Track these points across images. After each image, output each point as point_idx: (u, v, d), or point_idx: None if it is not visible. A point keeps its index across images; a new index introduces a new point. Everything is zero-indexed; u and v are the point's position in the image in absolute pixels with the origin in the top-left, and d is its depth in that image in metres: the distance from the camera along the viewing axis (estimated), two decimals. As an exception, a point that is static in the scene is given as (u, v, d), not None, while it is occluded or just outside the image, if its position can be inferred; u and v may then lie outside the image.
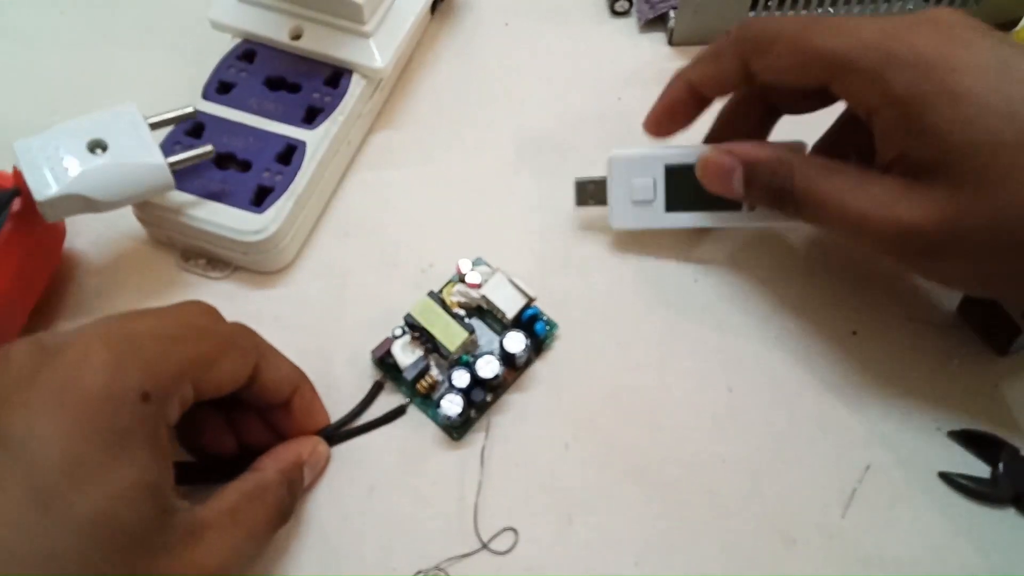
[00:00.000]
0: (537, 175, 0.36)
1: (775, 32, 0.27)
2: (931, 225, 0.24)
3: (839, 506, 0.28)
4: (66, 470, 0.20)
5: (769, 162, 0.28)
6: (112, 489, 0.21)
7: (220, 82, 0.34)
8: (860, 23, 0.26)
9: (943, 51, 0.24)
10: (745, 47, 0.28)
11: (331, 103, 0.34)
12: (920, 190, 0.25)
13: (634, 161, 0.31)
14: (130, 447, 0.21)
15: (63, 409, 0.21)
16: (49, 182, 0.28)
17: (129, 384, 0.22)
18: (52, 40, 0.40)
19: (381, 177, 0.36)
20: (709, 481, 0.29)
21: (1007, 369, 0.31)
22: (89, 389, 0.21)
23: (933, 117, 0.24)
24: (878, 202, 0.25)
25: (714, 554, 0.28)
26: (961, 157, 0.24)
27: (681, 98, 0.30)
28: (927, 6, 0.39)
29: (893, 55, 0.25)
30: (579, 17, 0.41)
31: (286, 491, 0.26)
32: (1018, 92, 0.24)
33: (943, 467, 0.29)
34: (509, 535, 0.28)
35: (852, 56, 0.25)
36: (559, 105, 0.38)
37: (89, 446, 0.21)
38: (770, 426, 0.30)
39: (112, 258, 0.33)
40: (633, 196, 0.31)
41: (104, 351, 0.22)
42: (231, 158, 0.33)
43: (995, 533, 0.28)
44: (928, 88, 0.24)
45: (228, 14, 0.35)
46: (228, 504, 0.24)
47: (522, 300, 0.30)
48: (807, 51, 0.26)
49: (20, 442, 0.20)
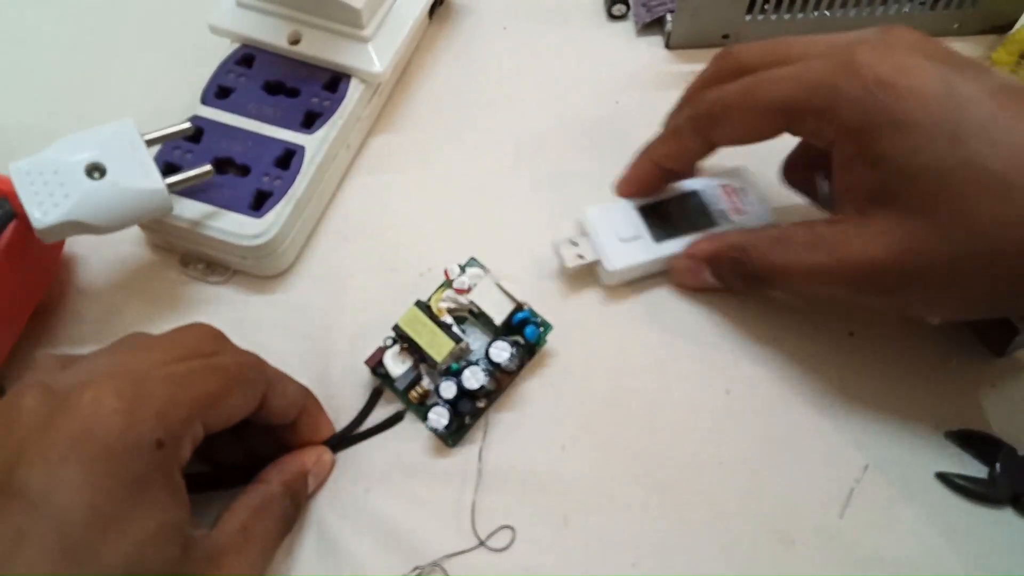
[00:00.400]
0: (536, 178, 0.36)
1: (725, 102, 0.28)
2: (888, 258, 0.25)
3: (837, 507, 0.29)
4: (92, 522, 0.20)
5: (726, 253, 0.30)
6: (138, 536, 0.21)
7: (219, 87, 0.34)
8: (801, 66, 0.27)
9: (889, 79, 0.25)
10: (702, 123, 0.29)
11: (330, 107, 0.34)
12: (872, 224, 0.25)
13: (609, 210, 0.32)
14: (149, 493, 0.22)
15: (82, 460, 0.21)
16: (47, 209, 0.27)
17: (143, 432, 0.22)
18: (51, 44, 0.40)
19: (380, 181, 0.36)
20: (707, 482, 0.29)
21: (1004, 370, 0.31)
22: (105, 439, 0.21)
23: (882, 146, 0.25)
24: (836, 251, 0.26)
25: (712, 555, 0.28)
26: (909, 184, 0.24)
27: (649, 173, 0.32)
28: (923, 9, 0.39)
29: (841, 91, 0.25)
30: (577, 21, 0.41)
31: (290, 502, 0.27)
32: (962, 116, 0.24)
33: (941, 467, 0.29)
34: (506, 533, 0.28)
35: (802, 100, 0.26)
36: (557, 108, 0.38)
37: (111, 497, 0.21)
38: (768, 427, 0.30)
39: (111, 263, 0.33)
40: (620, 235, 0.32)
41: (115, 399, 0.22)
42: (230, 163, 0.33)
43: (993, 533, 0.28)
44: (876, 118, 0.25)
45: (227, 19, 0.36)
46: (239, 523, 0.25)
47: (510, 305, 0.30)
48: (760, 109, 0.27)
49: (44, 496, 0.20)
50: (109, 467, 0.21)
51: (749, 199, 0.33)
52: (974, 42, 0.40)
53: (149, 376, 0.23)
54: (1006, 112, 0.24)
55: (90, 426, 0.21)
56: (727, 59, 0.30)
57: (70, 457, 0.21)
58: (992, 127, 0.24)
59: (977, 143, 0.23)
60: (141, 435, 0.22)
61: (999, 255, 0.24)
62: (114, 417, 0.21)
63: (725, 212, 0.33)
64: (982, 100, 0.24)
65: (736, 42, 0.40)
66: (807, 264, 0.27)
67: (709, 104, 0.29)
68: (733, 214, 0.33)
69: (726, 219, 0.33)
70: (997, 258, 0.24)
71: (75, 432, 0.21)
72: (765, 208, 0.33)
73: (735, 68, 0.29)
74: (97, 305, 0.32)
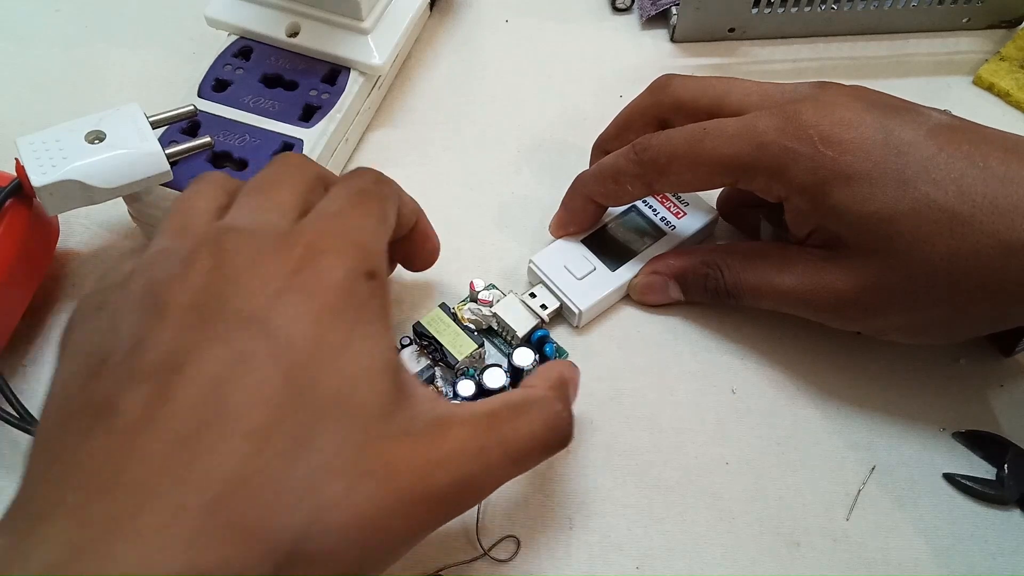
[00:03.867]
0: (538, 174, 0.36)
1: (671, 152, 0.28)
2: (854, 291, 0.27)
3: (843, 508, 0.28)
4: (312, 352, 0.19)
5: (697, 268, 0.31)
6: (353, 369, 0.20)
7: (216, 80, 0.34)
8: (747, 121, 0.27)
9: (832, 134, 0.26)
10: (645, 168, 0.29)
11: (328, 101, 0.34)
12: (838, 260, 0.27)
13: (554, 251, 0.32)
14: (364, 326, 0.21)
15: (299, 291, 0.20)
16: (46, 170, 0.28)
17: (354, 264, 0.21)
18: (48, 38, 0.40)
19: (379, 176, 0.35)
20: (712, 484, 0.29)
21: (1013, 370, 0.31)
22: (324, 273, 0.21)
23: (834, 198, 0.26)
24: (804, 277, 0.28)
25: (716, 557, 0.27)
26: (865, 231, 0.26)
27: (584, 210, 0.32)
28: (932, 4, 0.38)
29: (789, 150, 0.26)
30: (580, 14, 0.41)
31: (562, 407, 0.24)
32: (905, 162, 0.25)
33: (948, 468, 0.29)
34: (510, 543, 0.27)
35: (752, 159, 0.27)
36: (560, 103, 0.38)
37: (329, 328, 0.20)
38: (773, 428, 0.30)
39: (106, 258, 0.33)
40: (575, 273, 0.31)
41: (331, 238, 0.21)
42: (227, 156, 0.32)
43: (1001, 534, 0.28)
44: (824, 174, 0.26)
45: (224, 11, 0.35)
46: (487, 408, 0.22)
47: (533, 320, 0.30)
48: (706, 164, 0.28)
49: (264, 323, 0.19)
50: (328, 300, 0.20)
51: (684, 199, 0.33)
52: (983, 37, 0.40)
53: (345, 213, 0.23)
54: (945, 151, 0.25)
55: (307, 261, 0.21)
56: (664, 92, 0.30)
57: (287, 288, 0.20)
58: (933, 167, 0.25)
59: (923, 184, 0.25)
60: (354, 269, 0.21)
61: (956, 286, 0.25)
62: (329, 253, 0.21)
63: (667, 219, 0.32)
64: (920, 143, 0.25)
65: (743, 37, 0.40)
66: (778, 286, 0.29)
67: (654, 153, 0.29)
68: (674, 219, 0.32)
69: (669, 226, 0.32)
70: (955, 289, 0.25)
71: (295, 267, 0.20)
72: (702, 204, 0.33)
73: (672, 103, 0.30)
74: (92, 301, 0.32)
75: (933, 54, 0.39)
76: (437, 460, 0.21)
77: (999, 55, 0.38)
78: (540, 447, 0.23)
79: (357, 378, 0.20)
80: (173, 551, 0.16)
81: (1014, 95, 0.38)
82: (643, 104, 0.31)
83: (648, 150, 0.29)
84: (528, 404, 0.23)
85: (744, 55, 0.40)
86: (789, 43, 0.40)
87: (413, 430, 0.20)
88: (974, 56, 0.39)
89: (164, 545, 0.16)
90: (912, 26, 0.40)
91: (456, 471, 0.21)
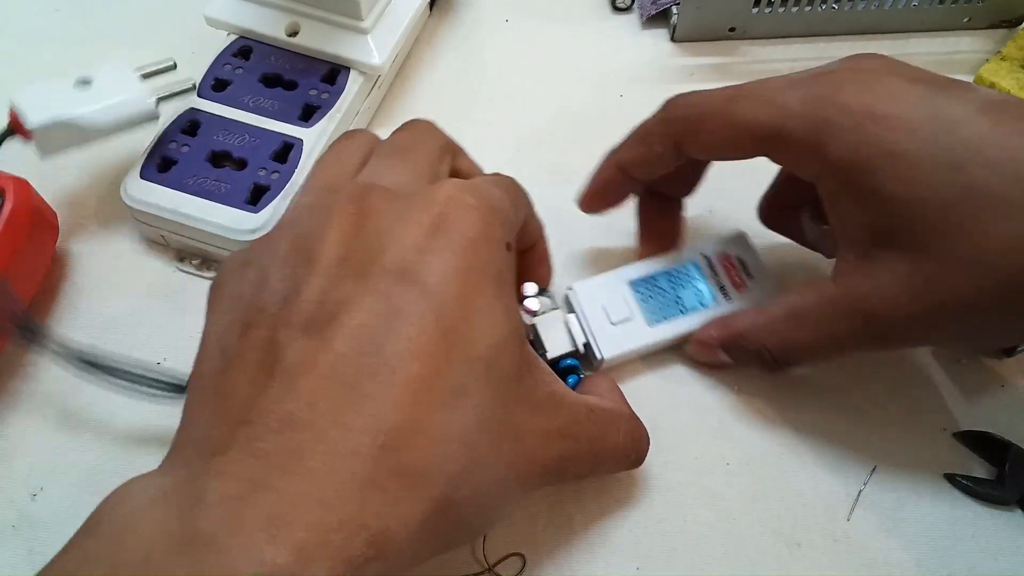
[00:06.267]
0: (538, 174, 0.35)
1: (702, 111, 0.26)
2: (910, 303, 0.23)
3: (844, 509, 0.28)
4: (463, 311, 0.20)
5: (739, 344, 0.28)
6: (496, 331, 0.20)
7: (216, 79, 0.34)
8: (785, 88, 0.25)
9: (875, 108, 0.23)
10: (674, 128, 0.27)
11: (328, 100, 0.33)
12: (882, 269, 0.24)
13: (598, 286, 0.30)
14: (503, 293, 0.21)
15: (450, 251, 0.20)
16: (39, 112, 0.30)
17: (496, 233, 0.22)
18: (47, 37, 0.39)
19: (379, 175, 0.35)
20: (712, 484, 0.28)
21: (1013, 370, 0.31)
22: (467, 233, 0.21)
23: (876, 179, 0.23)
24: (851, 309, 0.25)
25: (717, 558, 0.27)
26: (912, 220, 0.23)
27: (613, 179, 0.30)
28: (932, 3, 0.38)
29: (826, 121, 0.24)
30: (580, 13, 0.41)
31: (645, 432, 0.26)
32: (955, 140, 0.22)
33: (949, 469, 0.29)
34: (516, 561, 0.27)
35: (785, 127, 0.24)
36: (560, 103, 0.38)
37: (477, 289, 0.20)
38: (775, 428, 0.30)
39: (105, 259, 0.33)
40: (611, 317, 0.29)
41: (472, 197, 0.22)
42: (227, 156, 0.32)
43: (1002, 535, 0.28)
44: (867, 151, 0.23)
45: (224, 10, 0.35)
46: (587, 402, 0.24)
47: (569, 346, 0.29)
48: (737, 126, 0.25)
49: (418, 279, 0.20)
50: (474, 261, 0.20)
51: (750, 270, 0.30)
52: (984, 36, 0.40)
53: (483, 182, 0.23)
54: (999, 129, 0.22)
55: (453, 220, 0.21)
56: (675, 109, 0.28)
57: (438, 247, 0.20)
58: (987, 148, 0.22)
59: (976, 167, 0.22)
60: (495, 235, 0.21)
61: (1017, 280, 0.22)
62: (473, 214, 0.21)
63: (725, 288, 0.30)
64: (972, 120, 0.23)
65: (743, 36, 0.40)
66: (830, 334, 0.25)
67: (684, 108, 0.27)
68: (733, 290, 0.30)
69: (726, 296, 0.30)
70: (1017, 284, 0.22)
71: (440, 224, 0.21)
72: (769, 281, 0.30)
73: None
74: (91, 300, 0.32)
75: (933, 54, 0.39)
76: (550, 432, 0.22)
77: (1000, 55, 0.38)
78: (621, 457, 0.25)
79: (501, 341, 0.20)
80: (348, 491, 0.17)
81: (1015, 95, 0.38)
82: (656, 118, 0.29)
83: (679, 107, 0.27)
84: (618, 416, 0.25)
85: (744, 55, 0.39)
86: (789, 43, 0.40)
87: (534, 399, 0.22)
88: (975, 56, 0.39)
89: (338, 485, 0.17)
90: (913, 26, 0.40)
91: (561, 448, 0.22)
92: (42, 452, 0.29)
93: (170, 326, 0.31)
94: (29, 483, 0.28)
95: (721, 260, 0.31)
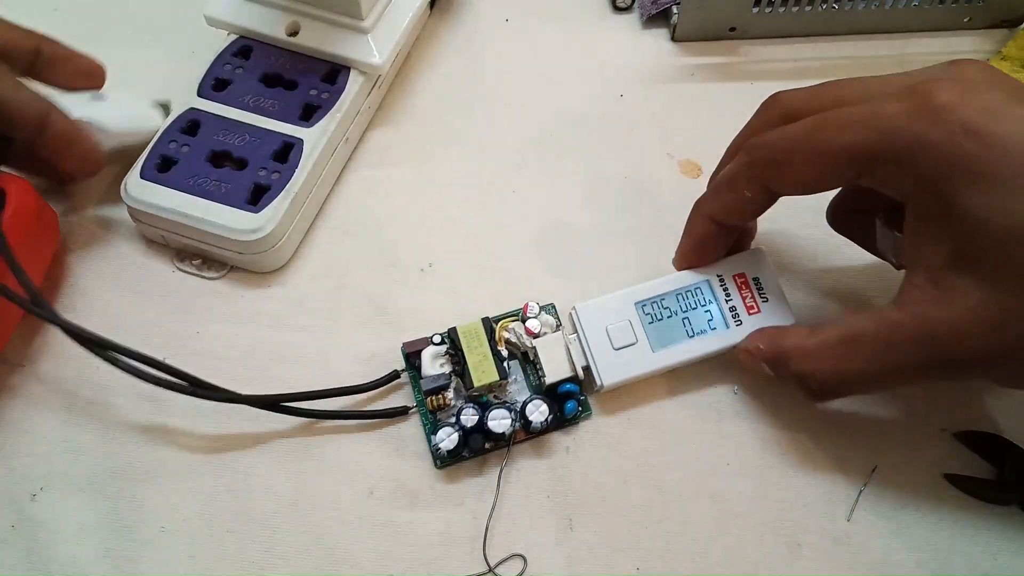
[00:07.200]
0: (538, 173, 0.36)
1: (788, 145, 0.25)
2: (982, 335, 0.22)
3: (845, 509, 0.28)
4: None
5: (784, 370, 0.27)
6: None
7: (216, 79, 0.34)
8: (879, 104, 0.23)
9: (975, 123, 0.22)
10: (760, 170, 0.26)
11: (329, 100, 0.33)
12: (955, 297, 0.23)
13: (602, 307, 0.29)
14: None
15: None
16: None
17: None
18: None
19: (379, 175, 0.35)
20: (713, 484, 0.28)
21: (1014, 370, 0.31)
22: None
23: (967, 201, 0.22)
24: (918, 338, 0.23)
25: (718, 558, 0.27)
26: (998, 249, 0.22)
27: (708, 232, 0.28)
28: (933, 3, 0.38)
29: (922, 137, 0.22)
30: (580, 13, 0.41)
31: None
32: None
33: (949, 469, 0.29)
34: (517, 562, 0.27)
35: (877, 146, 0.23)
36: (560, 102, 0.38)
37: None
38: (775, 429, 0.30)
39: (106, 259, 0.33)
40: (615, 342, 0.28)
41: None
42: (227, 156, 0.32)
43: (1002, 534, 0.28)
44: (961, 168, 0.22)
45: (224, 10, 0.35)
46: None
47: (568, 372, 0.28)
48: (829, 155, 0.24)
49: None
50: None
51: (764, 292, 0.29)
52: (984, 36, 0.40)
53: None
54: None
55: None
56: (774, 107, 0.27)
57: None
58: None
59: None
60: None
61: None
62: None
63: (737, 310, 0.29)
64: None
65: (744, 36, 0.40)
66: (889, 363, 0.24)
67: (768, 148, 0.25)
68: (746, 313, 0.29)
69: (736, 319, 0.29)
70: None
71: None
72: (782, 305, 0.29)
73: (783, 115, 0.26)
74: (92, 301, 0.32)
75: (934, 54, 0.39)
76: None
77: (1000, 55, 0.38)
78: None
79: None
80: None
81: None
82: (754, 125, 0.28)
83: (762, 147, 0.26)
84: None
85: (745, 54, 0.39)
86: (790, 42, 0.40)
87: None
88: (975, 56, 0.39)
89: None
90: (913, 25, 0.40)
91: None
92: (42, 452, 0.29)
93: (170, 326, 0.31)
94: (29, 483, 0.28)
95: (735, 280, 0.29)
